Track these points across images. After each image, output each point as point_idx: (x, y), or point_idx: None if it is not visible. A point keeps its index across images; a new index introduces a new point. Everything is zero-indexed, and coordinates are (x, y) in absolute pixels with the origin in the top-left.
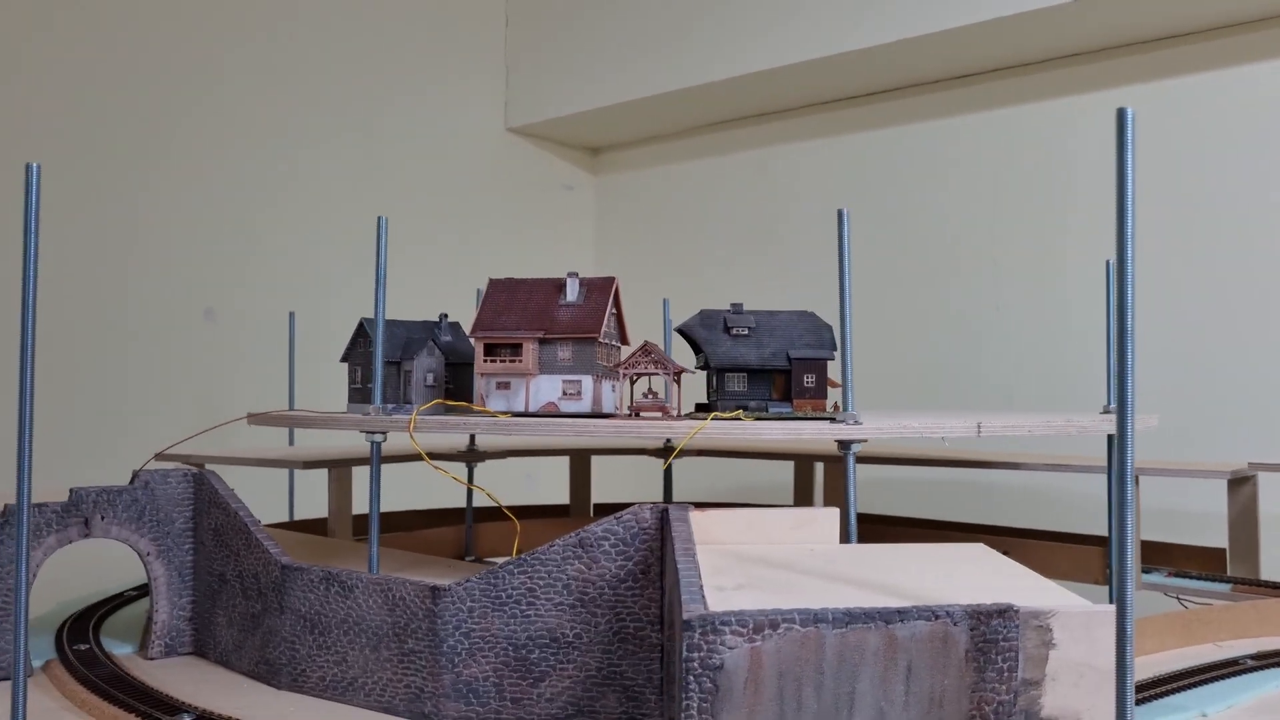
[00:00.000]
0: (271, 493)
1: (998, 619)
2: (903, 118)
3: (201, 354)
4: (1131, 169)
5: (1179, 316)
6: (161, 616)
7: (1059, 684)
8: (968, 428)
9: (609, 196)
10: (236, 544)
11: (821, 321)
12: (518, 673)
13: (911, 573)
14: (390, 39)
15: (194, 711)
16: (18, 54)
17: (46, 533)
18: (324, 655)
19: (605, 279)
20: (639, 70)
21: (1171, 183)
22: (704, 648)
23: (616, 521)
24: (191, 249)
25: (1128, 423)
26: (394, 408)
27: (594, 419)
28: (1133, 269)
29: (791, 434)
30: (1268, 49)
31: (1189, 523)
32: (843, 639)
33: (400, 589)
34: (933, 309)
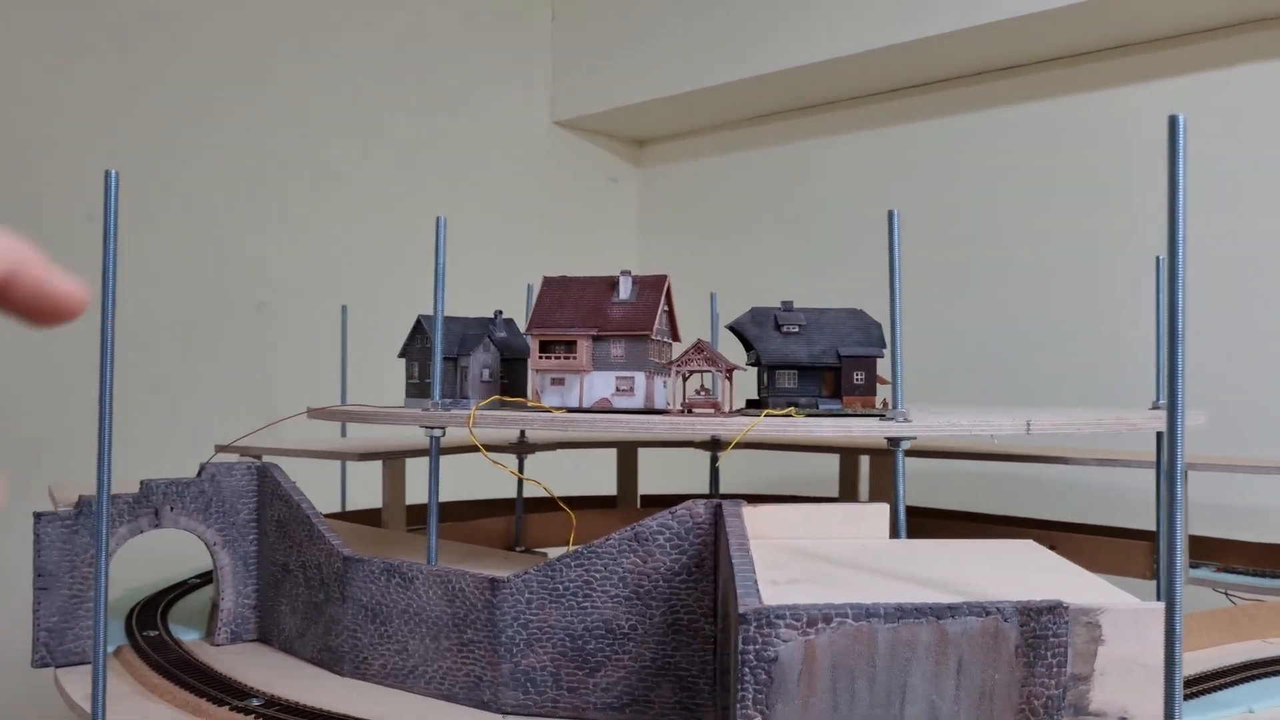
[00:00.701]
0: (325, 483)
1: (1048, 615)
2: (948, 109)
3: (256, 348)
4: (1183, 177)
5: (1231, 310)
6: (227, 604)
7: (1107, 679)
8: (1017, 425)
9: (653, 189)
10: (299, 535)
11: (870, 319)
12: (574, 663)
13: (961, 568)
14: (440, 36)
15: (262, 696)
16: (82, 56)
17: (119, 523)
18: (385, 644)
19: (658, 277)
20: (684, 64)
21: (1227, 174)
22: (759, 640)
23: (671, 516)
24: (245, 243)
25: (1178, 426)
26: (451, 402)
27: (648, 415)
28: (1184, 274)
29: (842, 430)
30: None
31: (1240, 517)
32: (895, 633)
33: (459, 580)
34: (979, 301)
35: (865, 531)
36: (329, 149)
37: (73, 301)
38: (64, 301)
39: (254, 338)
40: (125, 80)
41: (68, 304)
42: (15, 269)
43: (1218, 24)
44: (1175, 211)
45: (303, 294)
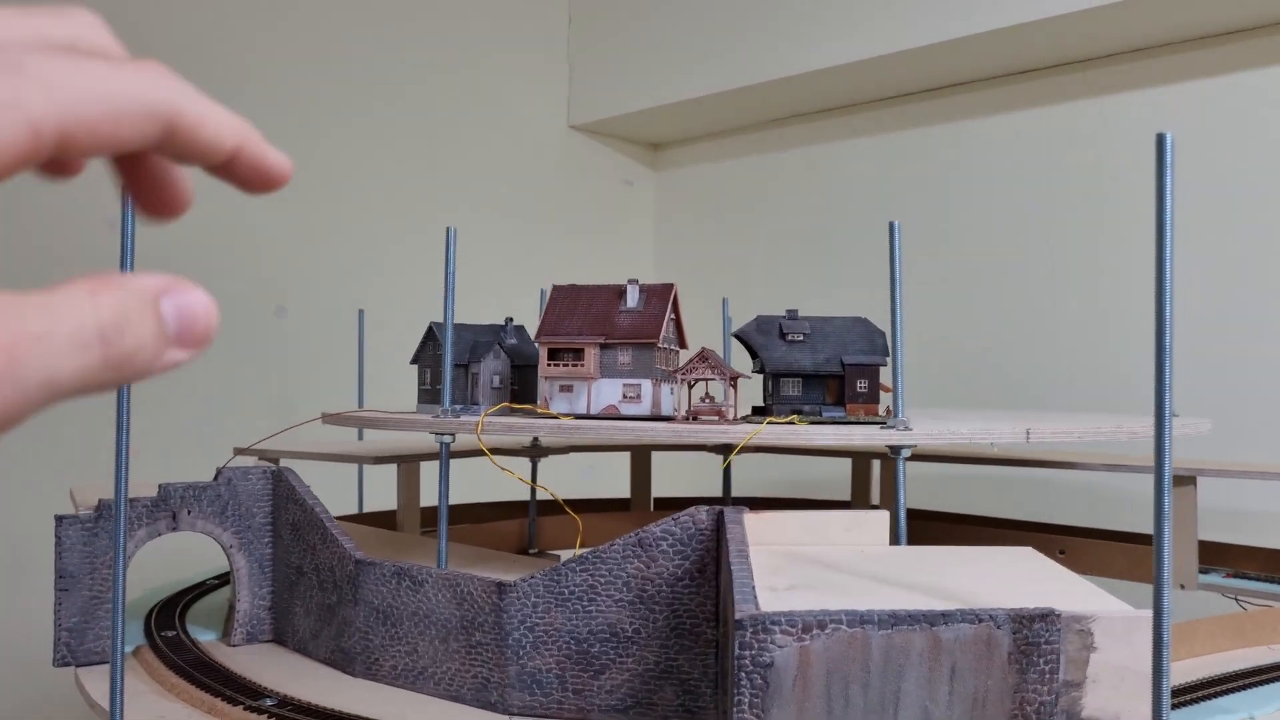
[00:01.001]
0: (342, 485)
1: (1040, 623)
2: (962, 113)
3: (274, 352)
4: (1171, 194)
5: (1240, 314)
6: (243, 605)
7: (1100, 686)
8: (1016, 433)
9: (669, 192)
10: (313, 538)
11: (875, 327)
12: (579, 665)
13: (958, 575)
14: (456, 39)
15: (275, 696)
16: None
17: (138, 526)
18: (396, 645)
19: (664, 286)
20: (700, 68)
21: (1233, 179)
22: (755, 646)
23: (674, 522)
24: (264, 248)
25: (1165, 438)
26: (462, 409)
27: (653, 422)
28: (1171, 293)
29: (842, 439)
30: None
31: (1250, 523)
32: (889, 640)
33: (468, 584)
34: (988, 307)
35: (866, 538)
36: (346, 153)
37: (283, 172)
38: (277, 173)
39: (273, 342)
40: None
41: (279, 175)
42: (243, 142)
43: (1229, 28)
44: (1163, 227)
45: (321, 298)
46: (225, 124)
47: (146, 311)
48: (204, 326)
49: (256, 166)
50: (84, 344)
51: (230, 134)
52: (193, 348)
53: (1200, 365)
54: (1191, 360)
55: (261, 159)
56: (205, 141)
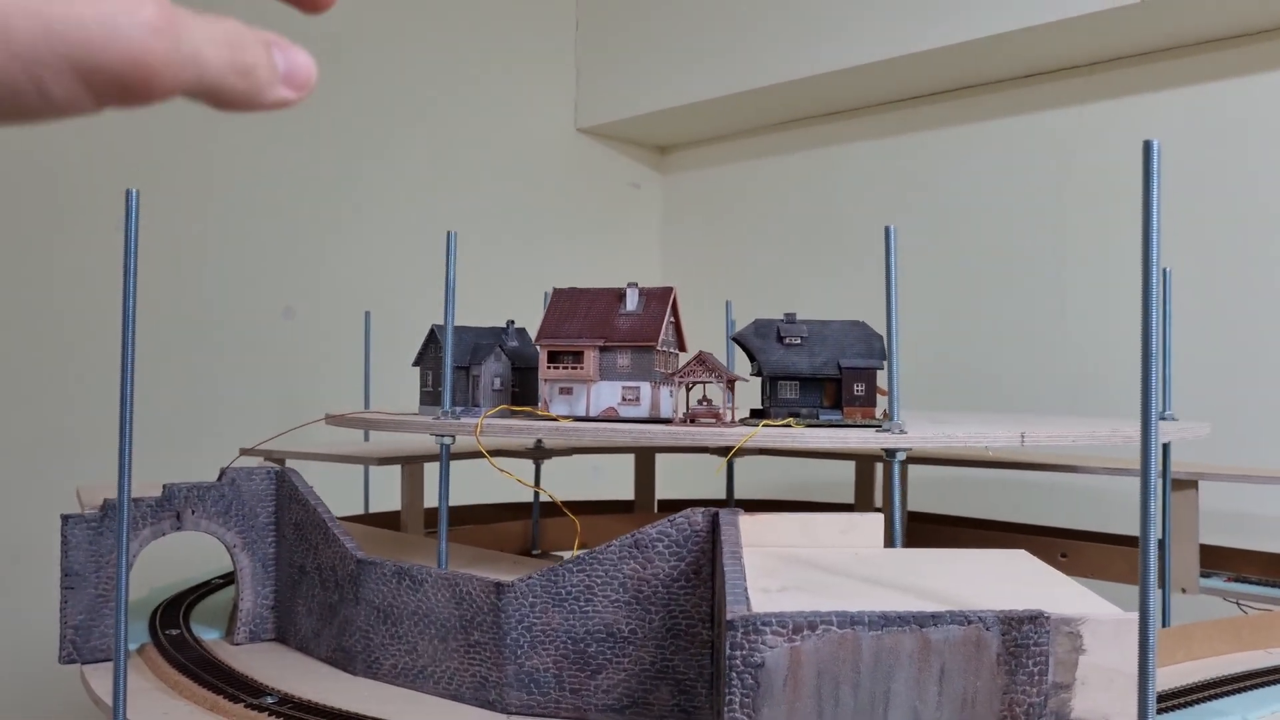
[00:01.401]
0: (348, 486)
1: (1029, 624)
2: (967, 116)
3: (282, 352)
4: (1157, 201)
5: (1243, 318)
6: (246, 604)
7: (1089, 688)
8: (1012, 437)
9: (676, 195)
10: (315, 538)
11: (872, 331)
12: (576, 665)
13: (950, 578)
14: (464, 43)
15: (276, 694)
16: None
17: (142, 525)
18: (396, 644)
19: (664, 289)
20: (707, 71)
21: (1233, 180)
22: (746, 646)
23: (670, 524)
24: (272, 249)
25: (1152, 443)
26: (463, 410)
27: (650, 424)
28: (1157, 297)
29: (838, 442)
30: None
31: (1253, 527)
32: (879, 641)
33: (466, 584)
34: (992, 311)
35: (860, 540)
36: (354, 156)
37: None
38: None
39: (281, 343)
40: None
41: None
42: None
43: (1237, 32)
44: (1149, 234)
45: (329, 300)
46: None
47: (259, 44)
48: (305, 74)
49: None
50: (217, 41)
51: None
52: (297, 90)
53: (1203, 369)
54: (1194, 364)
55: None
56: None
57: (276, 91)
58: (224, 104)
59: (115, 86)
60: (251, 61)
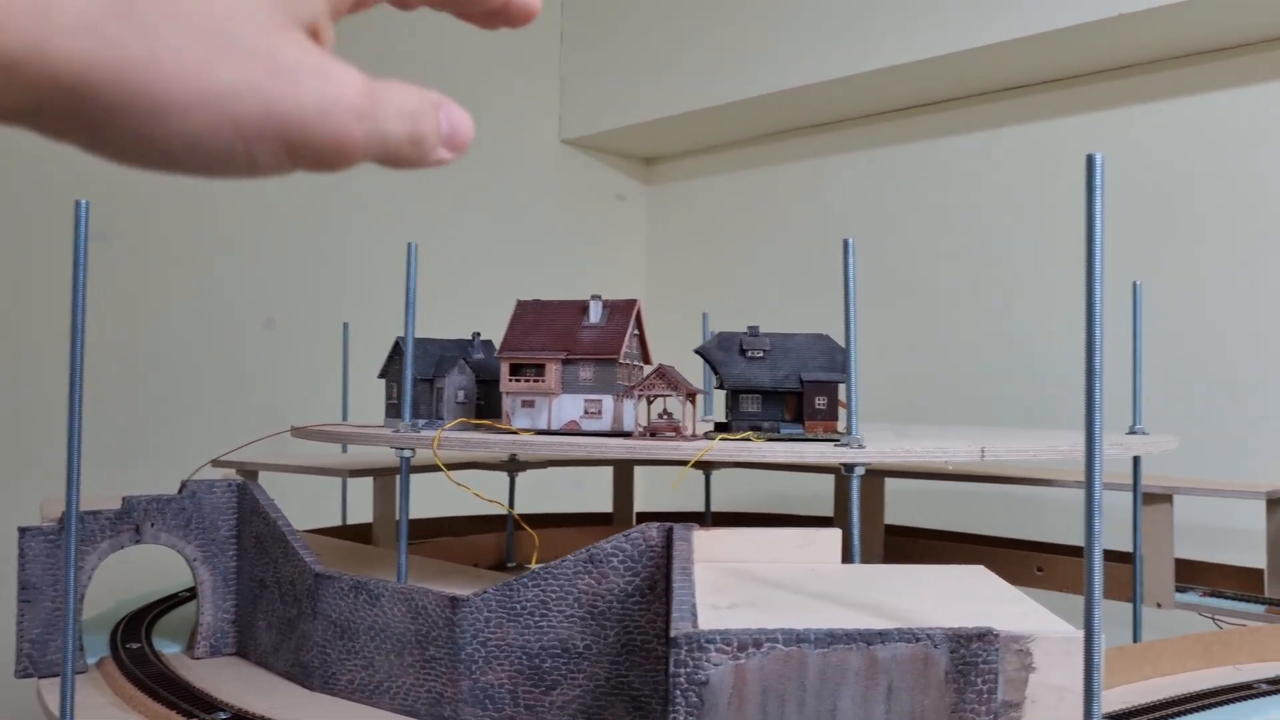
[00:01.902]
0: (327, 497)
1: (978, 642)
2: (952, 129)
3: (262, 363)
4: (1100, 215)
5: (1224, 331)
6: (207, 619)
7: (1039, 706)
8: (971, 451)
9: (661, 206)
10: (275, 552)
11: (835, 344)
12: (531, 680)
13: (903, 594)
14: (446, 53)
15: (229, 710)
16: None
17: (101, 538)
18: (352, 659)
19: (628, 301)
20: (693, 82)
21: (1208, 195)
22: (690, 664)
23: (625, 539)
24: (253, 260)
25: (1096, 459)
26: (425, 423)
27: (609, 438)
28: (1100, 310)
29: (794, 456)
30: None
31: (1230, 540)
32: (825, 658)
33: (422, 598)
34: (974, 323)
35: (816, 556)
36: None
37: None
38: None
39: (262, 354)
40: None
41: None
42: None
43: (1200, 48)
44: (1092, 250)
45: (311, 311)
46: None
47: (432, 110)
48: (464, 136)
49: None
50: (402, 116)
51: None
52: (455, 150)
53: (1180, 383)
54: (1172, 378)
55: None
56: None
57: (438, 154)
58: (390, 165)
59: (315, 160)
60: (426, 131)
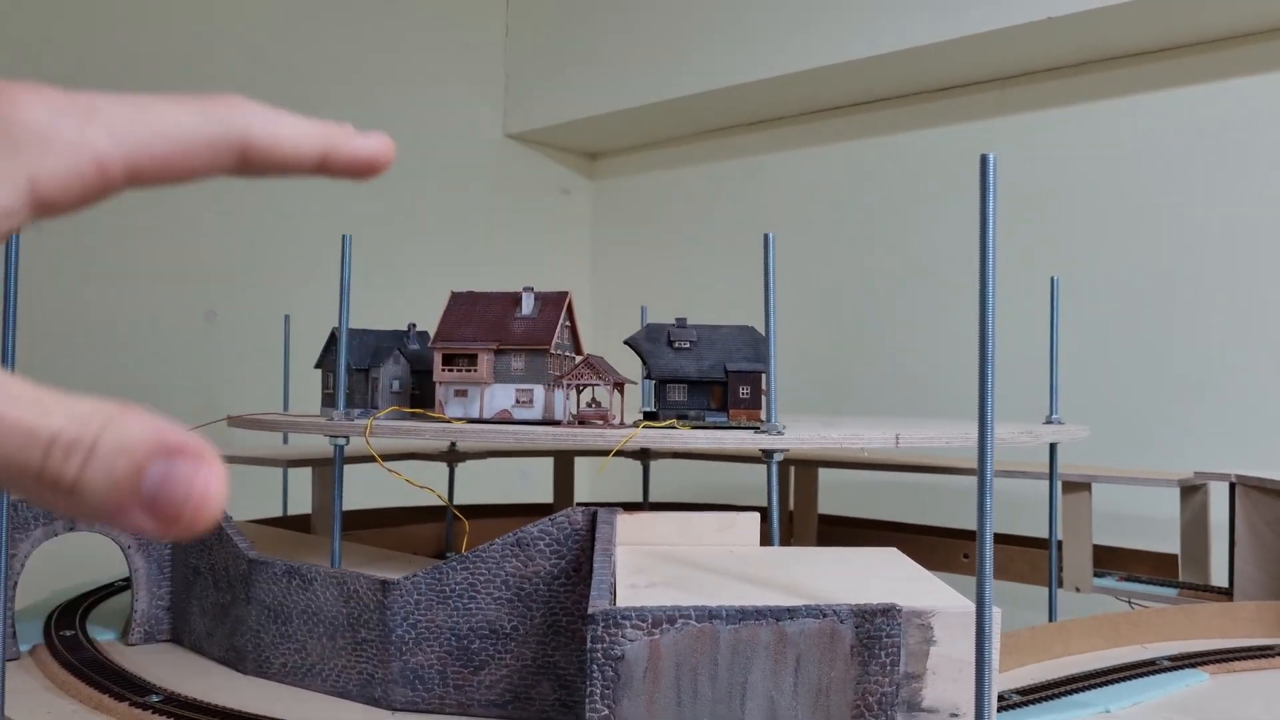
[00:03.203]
0: (268, 488)
1: (881, 617)
2: (890, 127)
3: (204, 355)
4: (993, 213)
5: (1142, 323)
6: (141, 606)
7: (939, 678)
8: (886, 439)
9: (606, 201)
10: (209, 538)
11: (760, 335)
12: (460, 661)
13: (816, 575)
14: (391, 46)
15: (161, 693)
16: (39, 56)
17: (34, 526)
18: (285, 643)
19: (559, 293)
20: (637, 78)
21: (1128, 191)
22: (606, 639)
23: (551, 523)
24: (192, 251)
25: (988, 442)
26: (360, 413)
27: (538, 426)
28: (993, 302)
29: (715, 443)
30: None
31: (1147, 528)
32: (736, 634)
33: (354, 582)
34: (911, 316)
35: (736, 539)
36: None
37: (381, 157)
38: (375, 159)
39: (202, 346)
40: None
41: (379, 160)
42: (328, 147)
43: (1148, 48)
44: (985, 245)
45: (251, 303)
46: (304, 137)
47: (119, 458)
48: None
49: (350, 162)
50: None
51: (311, 144)
52: (164, 525)
53: (1100, 376)
54: (1090, 372)
55: (353, 154)
56: (285, 157)
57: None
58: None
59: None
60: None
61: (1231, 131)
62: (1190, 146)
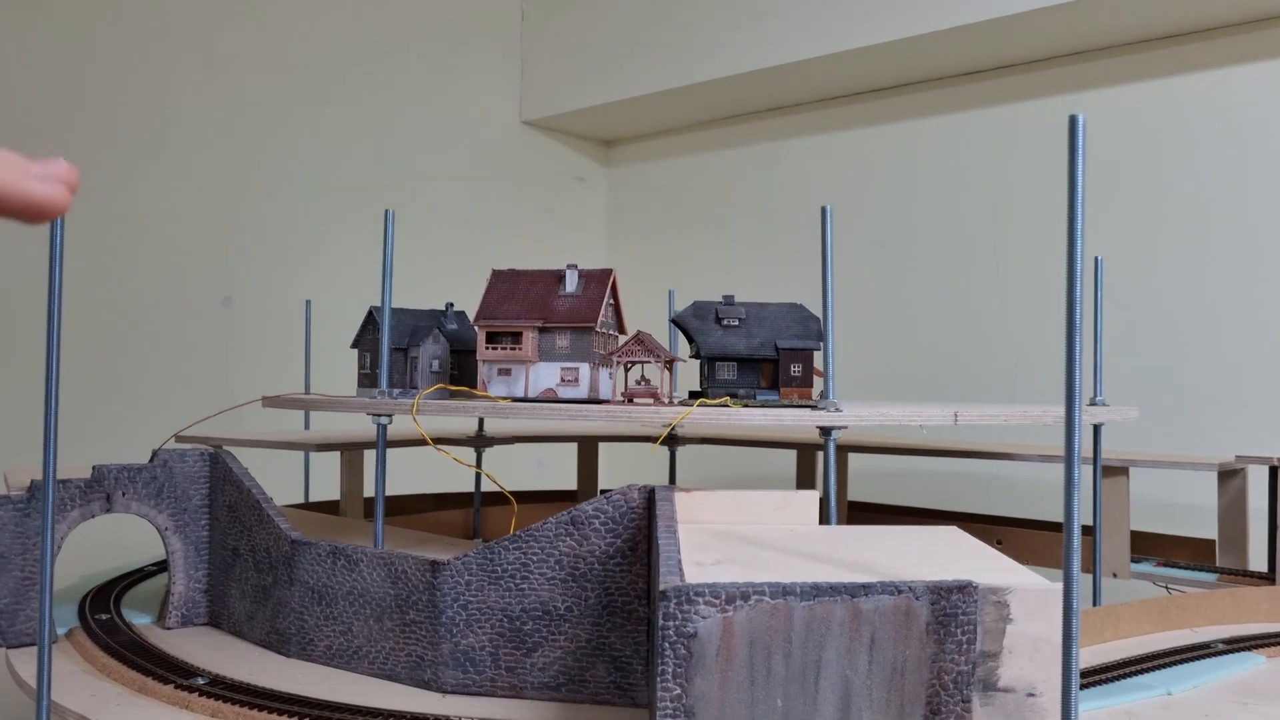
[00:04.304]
0: (288, 475)
1: (958, 594)
2: (909, 113)
3: (221, 341)
4: (1082, 175)
5: (1173, 310)
6: (178, 588)
7: (1015, 657)
8: (945, 416)
9: (621, 189)
10: (249, 520)
11: (809, 313)
12: (512, 643)
13: (882, 552)
14: (408, 33)
15: (207, 675)
16: (48, 47)
17: (70, 507)
18: (330, 625)
19: (603, 271)
20: (653, 65)
21: (1166, 177)
22: (679, 616)
23: (606, 501)
24: (211, 238)
25: (1076, 414)
26: (400, 392)
27: (588, 404)
28: (1081, 273)
29: (773, 420)
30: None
31: (1182, 515)
32: (810, 610)
33: (402, 563)
34: (934, 302)
35: (794, 517)
36: (296, 144)
37: (53, 205)
38: (46, 205)
39: (220, 332)
40: (93, 73)
41: (49, 208)
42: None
43: (1165, 33)
44: (1074, 209)
45: (269, 289)
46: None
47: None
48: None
49: (21, 204)
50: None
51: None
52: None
53: (1133, 359)
54: (1126, 355)
55: (24, 196)
56: None
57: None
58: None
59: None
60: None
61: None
62: (1236, 126)
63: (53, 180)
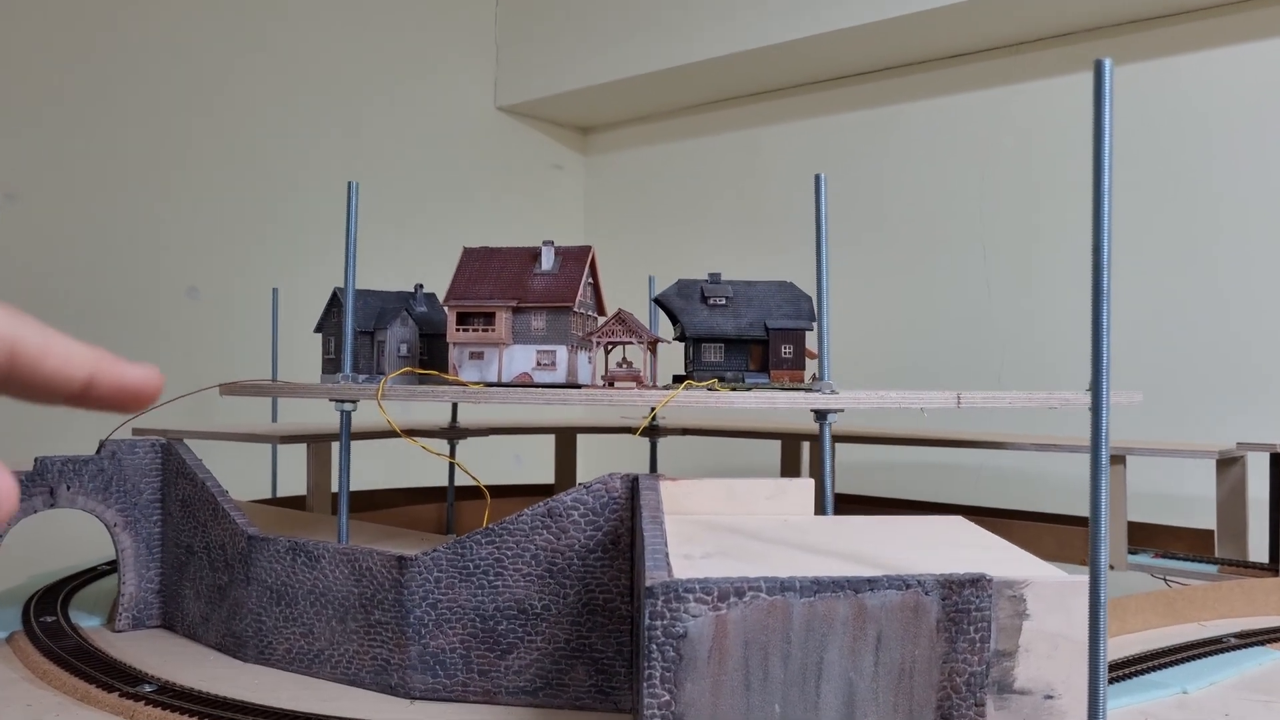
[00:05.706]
0: (256, 470)
1: (970, 588)
2: (892, 97)
3: (186, 332)
4: (1109, 126)
5: (1169, 297)
6: (129, 589)
7: (1033, 655)
8: (947, 399)
9: (598, 175)
10: (204, 515)
11: (800, 292)
12: (485, 644)
13: (885, 543)
14: (382, 17)
15: (156, 682)
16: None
17: None
18: (290, 627)
19: (582, 248)
20: (629, 50)
21: (1161, 163)
22: (667, 615)
23: (586, 491)
24: (175, 227)
25: (1103, 399)
26: (366, 378)
27: (566, 389)
28: (1109, 232)
29: (766, 403)
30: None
31: (1178, 505)
32: (810, 608)
33: (367, 559)
34: (922, 288)
35: (789, 507)
36: (266, 131)
37: (149, 388)
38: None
39: (185, 323)
40: (55, 60)
41: (146, 392)
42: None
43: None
44: (1101, 162)
45: (236, 278)
46: (74, 355)
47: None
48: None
49: (117, 390)
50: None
51: (79, 364)
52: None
53: (1129, 344)
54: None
55: (119, 381)
56: (51, 373)
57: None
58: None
59: None
60: None
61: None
62: (1240, 110)
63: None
